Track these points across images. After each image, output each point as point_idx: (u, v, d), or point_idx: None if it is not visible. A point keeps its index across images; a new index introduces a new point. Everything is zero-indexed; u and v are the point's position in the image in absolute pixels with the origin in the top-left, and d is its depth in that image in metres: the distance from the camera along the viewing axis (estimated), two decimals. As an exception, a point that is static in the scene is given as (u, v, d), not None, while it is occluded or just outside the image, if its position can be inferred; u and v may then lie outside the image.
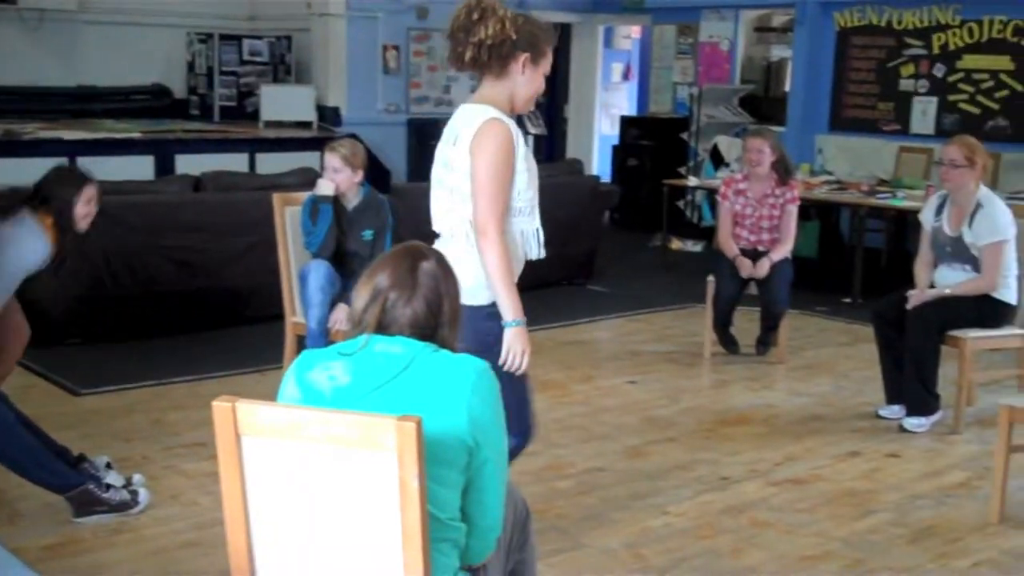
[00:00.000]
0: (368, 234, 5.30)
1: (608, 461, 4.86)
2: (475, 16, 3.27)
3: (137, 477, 4.31)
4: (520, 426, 3.39)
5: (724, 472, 4.74)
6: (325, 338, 5.08)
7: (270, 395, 2.44)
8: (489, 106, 3.32)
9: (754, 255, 6.43)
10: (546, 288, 8.32)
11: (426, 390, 2.29)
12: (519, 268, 3.40)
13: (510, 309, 3.28)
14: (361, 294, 2.40)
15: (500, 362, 3.27)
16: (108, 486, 4.14)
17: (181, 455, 4.74)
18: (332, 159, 5.25)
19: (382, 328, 2.37)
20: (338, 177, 5.24)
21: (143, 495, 4.21)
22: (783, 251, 6.41)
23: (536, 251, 3.44)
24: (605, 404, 5.71)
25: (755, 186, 6.47)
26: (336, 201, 5.27)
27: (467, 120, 3.32)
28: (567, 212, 8.54)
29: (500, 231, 3.26)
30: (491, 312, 3.32)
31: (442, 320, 2.39)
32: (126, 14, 11.64)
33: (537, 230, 3.43)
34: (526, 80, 3.36)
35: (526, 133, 13.04)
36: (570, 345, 6.94)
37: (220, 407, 2.24)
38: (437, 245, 3.32)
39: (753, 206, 6.47)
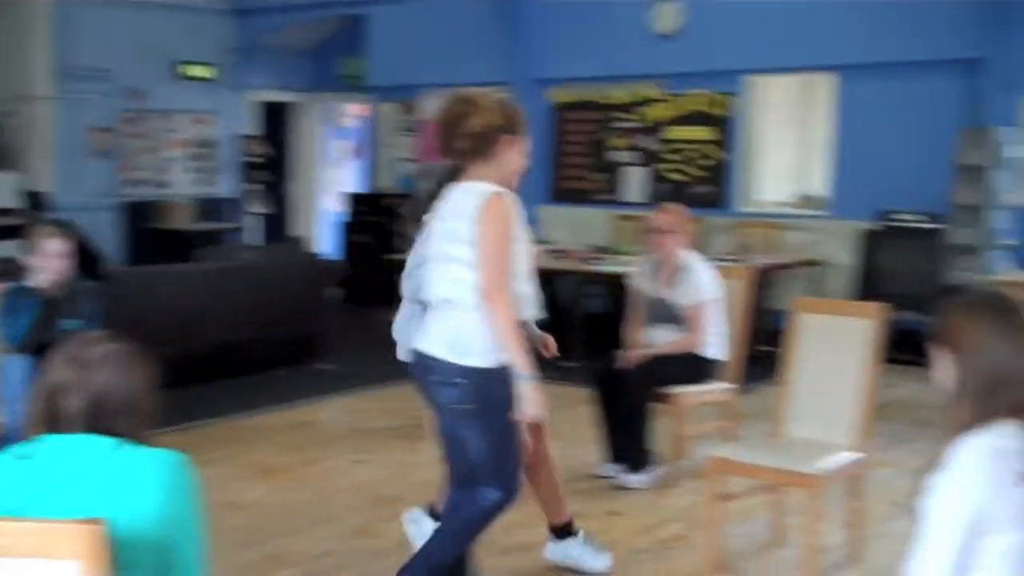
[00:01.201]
0: (72, 324, 4.99)
1: (335, 544, 4.73)
2: (464, 110, 3.62)
3: None
4: (508, 481, 3.67)
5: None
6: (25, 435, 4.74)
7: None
8: (485, 183, 3.59)
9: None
10: (271, 369, 8.13)
11: (114, 489, 2.14)
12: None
13: (523, 365, 3.53)
14: (35, 391, 2.25)
15: (518, 417, 3.58)
16: None
17: None
18: (58, 244, 4.92)
19: (55, 424, 2.22)
20: (64, 263, 4.93)
21: None
22: None
23: (532, 311, 3.75)
24: (332, 486, 5.58)
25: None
26: (35, 290, 4.96)
27: (469, 196, 3.58)
28: (290, 290, 8.41)
29: (506, 294, 3.52)
30: (499, 376, 3.53)
31: (108, 411, 2.24)
32: None
33: (531, 292, 3.72)
34: (510, 158, 3.67)
35: (254, 213, 12.84)
36: (296, 427, 6.77)
37: None
38: (438, 313, 3.60)
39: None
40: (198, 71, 12.51)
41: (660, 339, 5.63)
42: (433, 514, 4.30)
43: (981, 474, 2.25)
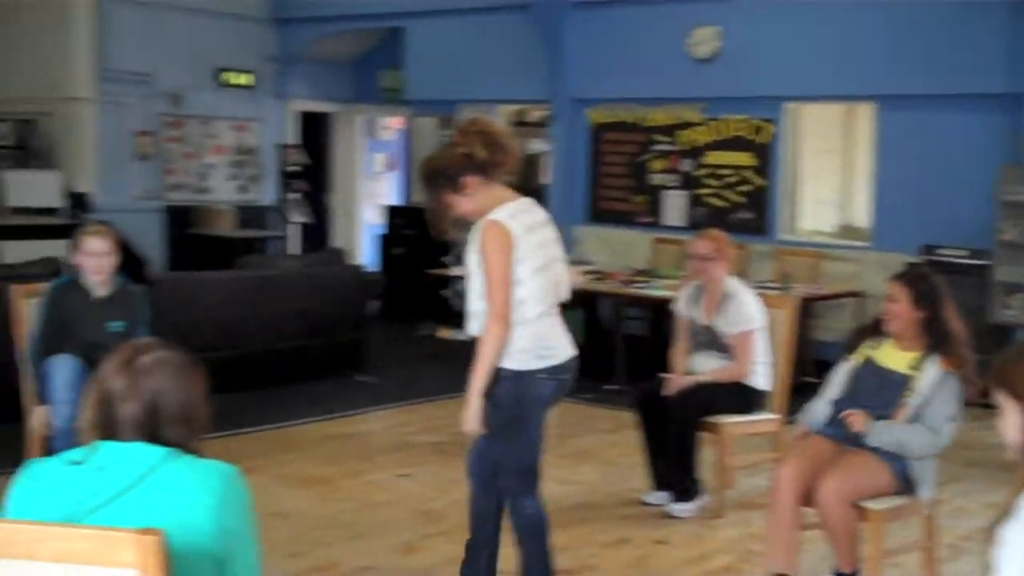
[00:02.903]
0: (118, 325, 5.02)
1: (378, 559, 4.73)
2: None
3: None
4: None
5: (498, 564, 4.67)
6: (74, 438, 4.75)
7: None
8: None
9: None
10: (312, 380, 8.15)
11: (168, 500, 2.13)
12: None
13: None
14: (88, 395, 2.26)
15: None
16: None
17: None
18: (99, 242, 4.96)
19: (106, 430, 2.22)
20: (107, 261, 4.97)
21: None
22: None
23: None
24: (375, 499, 5.58)
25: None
26: (82, 289, 4.98)
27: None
28: (331, 302, 8.43)
29: None
30: None
31: (162, 419, 2.23)
32: None
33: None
34: None
35: (293, 222, 12.89)
36: (337, 438, 6.77)
37: (-62, 524, 2.01)
38: (551, 319, 3.89)
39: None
40: (238, 78, 12.57)
41: (705, 367, 5.59)
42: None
43: None
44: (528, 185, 12.14)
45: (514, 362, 3.82)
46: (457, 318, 10.73)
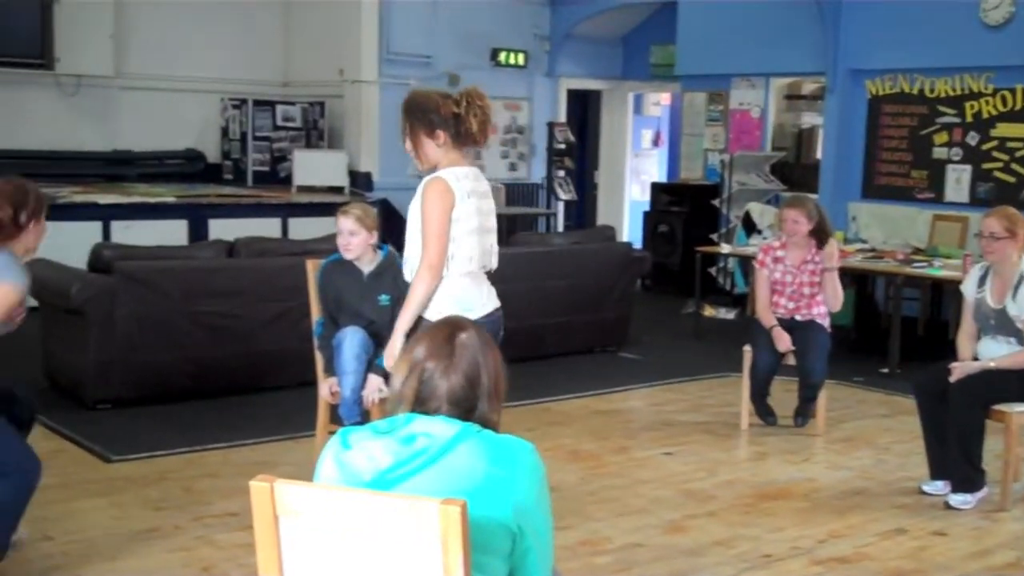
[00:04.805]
0: (385, 299, 5.21)
1: (646, 536, 4.75)
2: None
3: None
4: None
5: (766, 549, 4.62)
6: (359, 406, 5.01)
7: (303, 463, 2.38)
8: None
9: (791, 325, 6.34)
10: (578, 355, 8.29)
11: (471, 473, 2.20)
12: None
13: None
14: (400, 368, 2.35)
15: None
16: None
17: (213, 525, 4.65)
18: (346, 222, 5.20)
19: (420, 402, 2.30)
20: (354, 240, 5.18)
21: None
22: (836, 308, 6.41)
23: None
24: (641, 476, 5.60)
25: (793, 253, 6.39)
26: (351, 266, 5.22)
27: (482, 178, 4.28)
28: (599, 278, 8.51)
29: None
30: None
31: (480, 392, 2.31)
32: (161, 80, 11.79)
33: None
34: None
35: (559, 199, 13.09)
36: (603, 414, 6.85)
37: (258, 487, 2.17)
38: (477, 278, 4.21)
39: (792, 273, 6.38)
40: (512, 58, 12.84)
41: (994, 352, 5.28)
42: None
43: None
44: (800, 160, 11.84)
45: (435, 314, 4.06)
46: (724, 296, 10.73)
